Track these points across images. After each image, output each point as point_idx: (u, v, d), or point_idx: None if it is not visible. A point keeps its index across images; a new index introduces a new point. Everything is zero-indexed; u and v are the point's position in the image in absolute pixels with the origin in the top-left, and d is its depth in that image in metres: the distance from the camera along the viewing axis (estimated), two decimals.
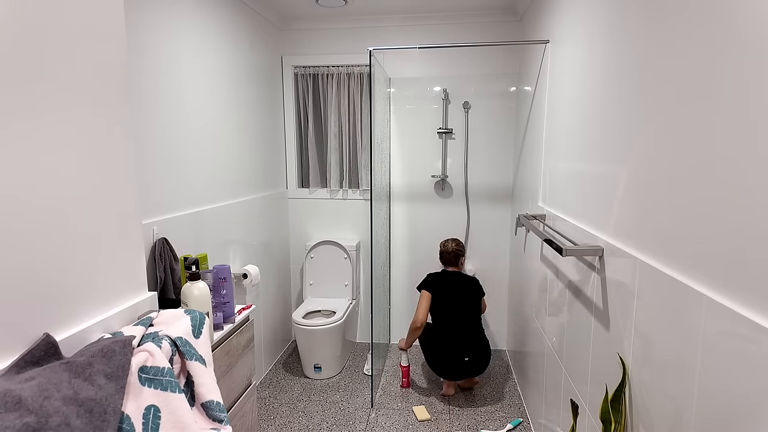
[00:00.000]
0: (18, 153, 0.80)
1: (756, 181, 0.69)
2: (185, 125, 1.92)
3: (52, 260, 0.88)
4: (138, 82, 1.62)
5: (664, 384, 0.95)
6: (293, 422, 2.31)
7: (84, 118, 0.96)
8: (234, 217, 2.37)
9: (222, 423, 1.03)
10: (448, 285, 2.50)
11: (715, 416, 0.77)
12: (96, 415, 0.76)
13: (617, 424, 1.09)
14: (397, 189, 3.08)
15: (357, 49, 2.95)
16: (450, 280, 2.51)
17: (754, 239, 0.69)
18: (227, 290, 1.47)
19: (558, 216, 1.76)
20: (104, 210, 1.03)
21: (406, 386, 2.65)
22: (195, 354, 1.03)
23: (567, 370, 1.62)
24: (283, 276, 3.11)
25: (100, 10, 1.00)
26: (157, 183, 1.73)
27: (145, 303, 1.16)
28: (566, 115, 1.71)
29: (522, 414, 2.38)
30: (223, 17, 2.23)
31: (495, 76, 2.88)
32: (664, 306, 0.94)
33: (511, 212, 2.96)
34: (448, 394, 2.56)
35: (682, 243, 0.89)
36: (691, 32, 0.87)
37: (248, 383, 1.59)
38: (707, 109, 0.82)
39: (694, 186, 0.85)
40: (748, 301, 0.70)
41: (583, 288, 1.45)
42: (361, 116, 3.01)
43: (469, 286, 2.51)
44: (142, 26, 1.63)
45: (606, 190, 1.29)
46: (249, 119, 2.55)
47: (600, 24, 1.37)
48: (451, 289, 2.49)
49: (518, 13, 2.72)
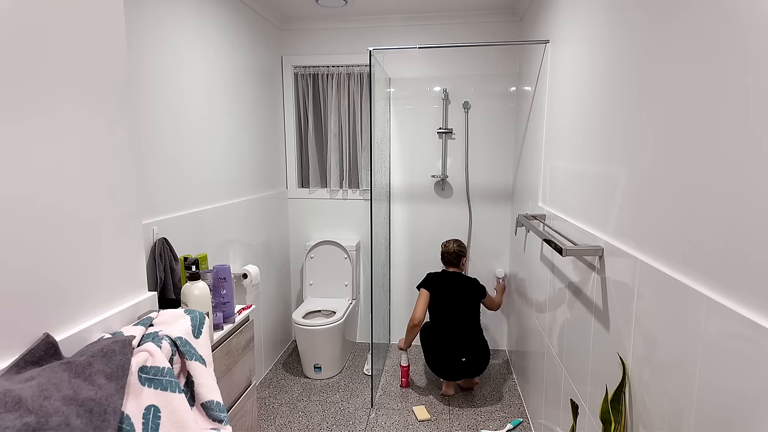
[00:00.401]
0: (17, 152, 0.80)
1: (756, 181, 0.69)
2: (185, 125, 1.92)
3: (52, 260, 0.88)
4: (138, 82, 1.62)
5: (664, 384, 0.95)
6: (293, 422, 2.31)
7: (84, 117, 0.96)
8: (234, 217, 2.37)
9: (222, 423, 1.03)
10: (447, 285, 2.50)
11: (715, 416, 0.77)
12: (96, 415, 0.76)
13: (617, 424, 1.09)
14: (397, 189, 3.08)
15: (357, 49, 2.95)
16: (449, 281, 2.52)
17: (755, 239, 0.69)
18: (227, 290, 1.47)
19: (558, 216, 1.76)
20: (104, 210, 1.03)
21: (406, 386, 2.65)
22: (195, 354, 1.03)
23: (567, 370, 1.62)
24: (283, 276, 3.11)
25: (100, 9, 1.00)
26: (157, 183, 1.73)
27: (145, 303, 1.16)
28: (566, 114, 1.71)
29: (522, 414, 2.38)
30: (223, 17, 2.23)
31: (495, 76, 2.88)
32: (664, 306, 0.94)
33: (511, 212, 2.96)
34: (448, 394, 2.56)
35: (682, 243, 0.89)
36: (691, 32, 0.87)
37: (248, 383, 1.59)
38: (707, 109, 0.82)
39: (695, 186, 0.85)
40: (748, 301, 0.70)
41: (583, 288, 1.45)
42: (361, 116, 3.01)
43: (468, 286, 2.51)
44: (143, 26, 1.63)
45: (606, 189, 1.29)
46: (249, 119, 2.55)
47: (600, 24, 1.37)
48: (450, 289, 2.49)
49: (518, 13, 2.72)
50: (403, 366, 2.63)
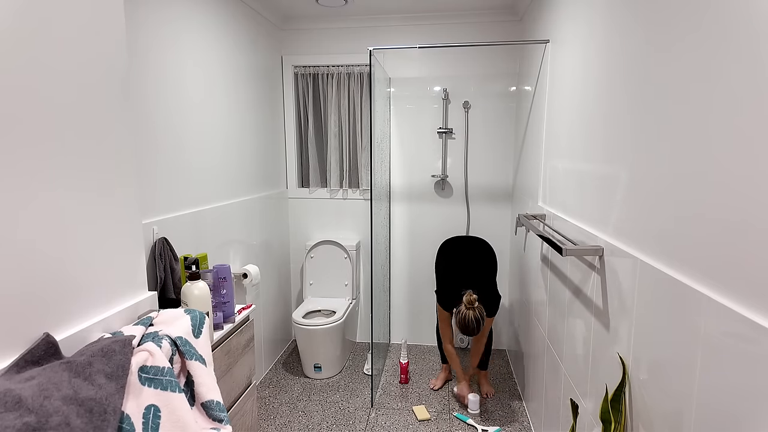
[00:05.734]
0: (16, 151, 0.80)
1: (756, 181, 0.69)
2: (186, 124, 1.92)
3: (52, 260, 0.88)
4: (138, 82, 1.61)
5: (664, 383, 0.95)
6: (293, 422, 2.31)
7: (84, 117, 0.96)
8: (234, 216, 2.37)
9: (222, 422, 1.03)
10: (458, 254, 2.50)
11: (715, 416, 0.77)
12: (96, 414, 0.76)
13: (617, 424, 1.09)
14: (397, 189, 3.08)
15: (357, 48, 2.95)
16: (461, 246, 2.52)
17: (754, 239, 0.69)
18: (227, 290, 1.47)
19: (558, 216, 1.76)
20: (104, 209, 1.03)
21: (405, 382, 2.69)
22: (195, 354, 1.03)
23: (567, 370, 1.62)
24: (283, 276, 3.11)
25: (100, 9, 1.00)
26: (157, 182, 1.73)
27: (145, 303, 1.16)
28: (566, 114, 1.71)
29: (522, 414, 2.38)
30: (223, 17, 2.23)
31: (495, 75, 2.88)
32: (664, 306, 0.94)
33: (511, 212, 2.96)
34: (435, 388, 2.61)
35: (682, 243, 0.89)
36: (691, 32, 0.87)
37: (248, 383, 1.59)
38: (708, 109, 0.82)
39: (695, 185, 0.85)
40: (749, 301, 0.70)
41: (583, 288, 1.45)
42: (361, 116, 3.01)
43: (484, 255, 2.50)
44: (143, 26, 1.63)
45: (606, 189, 1.29)
46: (249, 119, 2.55)
47: (600, 24, 1.37)
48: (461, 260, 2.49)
49: (518, 12, 2.72)
50: (402, 363, 2.67)
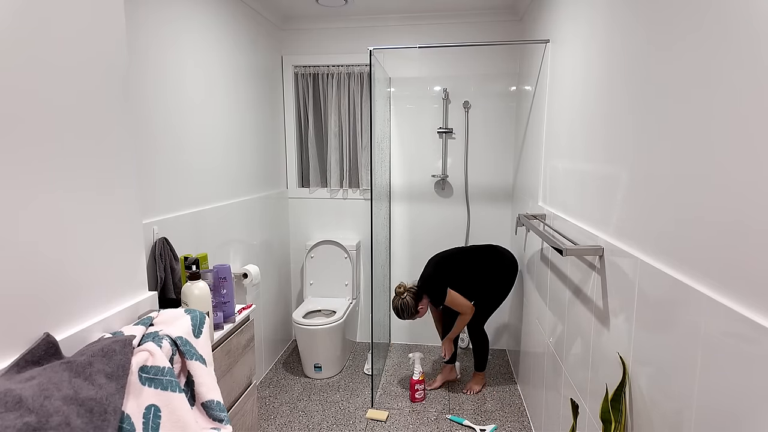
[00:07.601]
0: (15, 151, 0.80)
1: (756, 181, 0.69)
2: (186, 124, 1.92)
3: (52, 260, 0.88)
4: (138, 81, 1.61)
5: (665, 383, 0.95)
6: (293, 422, 2.31)
7: (84, 117, 0.96)
8: (234, 216, 2.37)
9: (222, 422, 1.03)
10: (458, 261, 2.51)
11: (716, 416, 0.77)
12: (96, 414, 0.76)
13: (617, 423, 1.09)
14: (397, 189, 3.08)
15: (357, 48, 2.95)
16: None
17: (754, 239, 0.69)
18: (227, 290, 1.47)
19: (558, 216, 1.76)
20: (104, 209, 1.03)
21: (420, 400, 2.49)
22: (195, 353, 1.03)
23: (567, 370, 1.62)
24: (283, 276, 3.11)
25: (100, 9, 1.00)
26: (157, 182, 1.73)
27: (145, 303, 1.16)
28: (566, 114, 1.71)
29: (522, 414, 2.38)
30: (224, 17, 2.23)
31: (495, 75, 2.88)
32: (664, 306, 0.94)
33: (511, 212, 2.96)
34: (434, 387, 2.60)
35: (683, 243, 0.89)
36: (692, 31, 0.87)
37: (248, 383, 1.59)
38: (708, 110, 0.82)
39: (695, 185, 0.85)
40: (748, 301, 0.70)
41: (583, 288, 1.45)
42: (361, 116, 3.01)
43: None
44: (143, 26, 1.63)
45: (607, 189, 1.29)
46: (249, 119, 2.55)
47: (600, 23, 1.37)
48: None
49: (518, 12, 2.72)
50: (414, 379, 2.47)
